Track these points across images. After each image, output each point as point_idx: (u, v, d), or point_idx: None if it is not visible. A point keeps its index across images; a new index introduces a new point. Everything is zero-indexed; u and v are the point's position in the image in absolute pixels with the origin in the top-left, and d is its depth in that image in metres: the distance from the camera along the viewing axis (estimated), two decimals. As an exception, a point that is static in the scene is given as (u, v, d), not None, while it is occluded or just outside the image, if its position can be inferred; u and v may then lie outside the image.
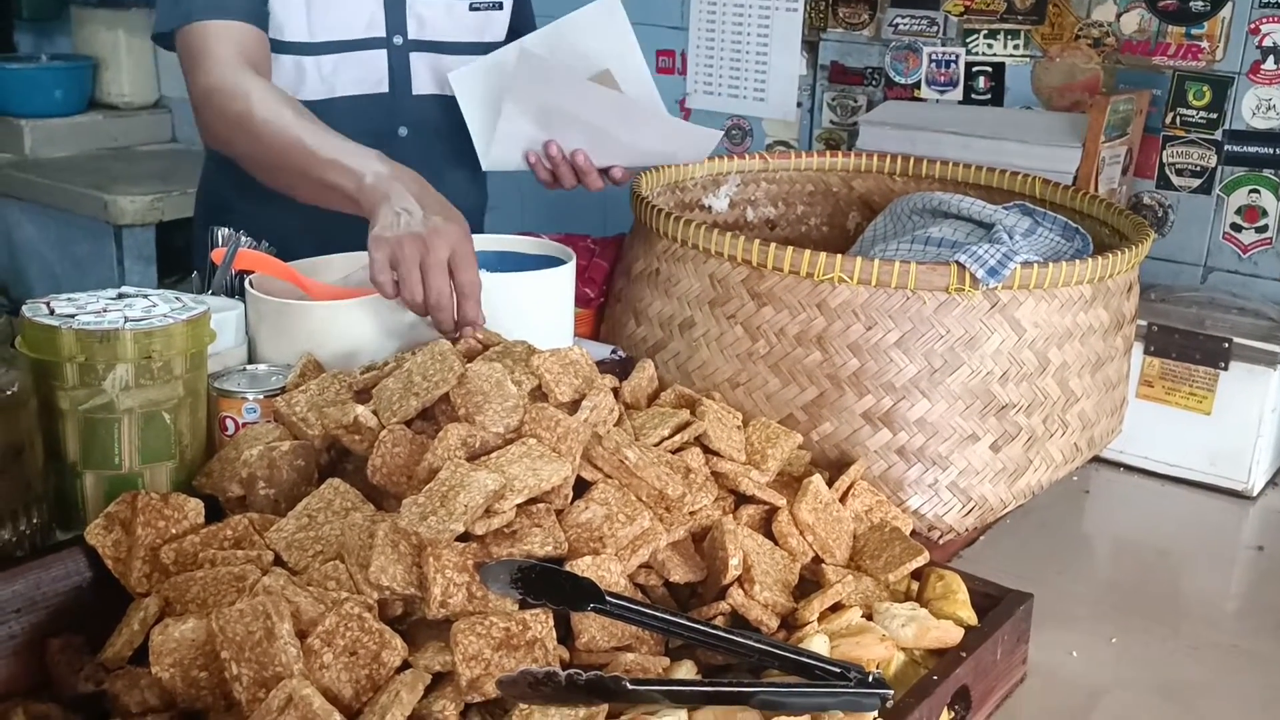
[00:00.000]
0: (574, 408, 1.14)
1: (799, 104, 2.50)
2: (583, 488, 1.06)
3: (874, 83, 2.39)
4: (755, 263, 1.33)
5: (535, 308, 1.41)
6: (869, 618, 1.07)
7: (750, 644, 0.96)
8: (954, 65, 2.27)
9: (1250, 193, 2.00)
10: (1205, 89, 2.01)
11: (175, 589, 0.98)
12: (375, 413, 1.11)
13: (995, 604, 1.11)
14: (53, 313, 1.10)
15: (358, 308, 1.31)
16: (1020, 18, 2.19)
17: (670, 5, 2.60)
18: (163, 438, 1.12)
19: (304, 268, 1.42)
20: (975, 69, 2.26)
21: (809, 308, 1.30)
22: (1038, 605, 1.13)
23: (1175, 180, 2.07)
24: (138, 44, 3.57)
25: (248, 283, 1.35)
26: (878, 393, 1.30)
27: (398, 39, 1.73)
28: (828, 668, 0.94)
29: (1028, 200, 1.63)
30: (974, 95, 2.26)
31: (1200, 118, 2.03)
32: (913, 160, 1.78)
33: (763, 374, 1.34)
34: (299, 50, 1.67)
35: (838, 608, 1.07)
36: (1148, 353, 1.63)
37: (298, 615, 0.90)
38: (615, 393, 1.22)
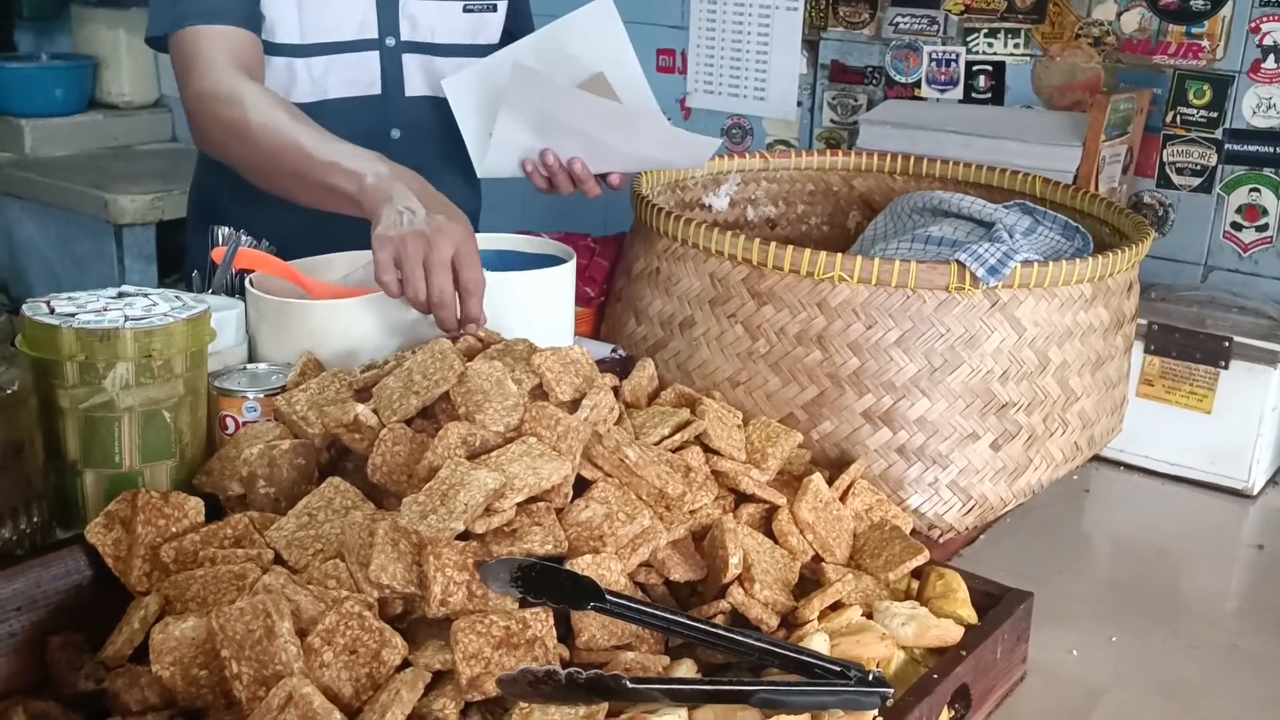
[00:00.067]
0: (574, 407, 1.14)
1: (799, 103, 2.50)
2: (583, 486, 1.06)
3: (874, 82, 2.39)
4: (755, 262, 1.33)
5: (535, 307, 1.41)
6: (869, 616, 1.07)
7: (750, 642, 0.96)
8: (954, 64, 2.27)
9: (1251, 191, 2.00)
10: (1206, 88, 2.01)
11: (175, 587, 0.98)
12: (375, 411, 1.11)
13: (995, 603, 1.11)
14: (53, 311, 1.10)
15: (358, 306, 1.31)
16: (1021, 17, 2.19)
17: (670, 4, 2.60)
18: (163, 436, 1.12)
19: (304, 266, 1.42)
20: (976, 68, 2.26)
21: (809, 307, 1.30)
22: (1038, 604, 1.14)
23: (1176, 179, 2.07)
24: (138, 43, 3.55)
25: (248, 282, 1.35)
26: (878, 392, 1.30)
27: (390, 40, 1.72)
28: (828, 666, 0.95)
29: (1028, 199, 1.63)
30: (974, 94, 2.26)
31: (1201, 117, 2.03)
32: (913, 159, 1.78)
33: (763, 373, 1.34)
34: (290, 52, 1.66)
35: (838, 606, 1.07)
36: (1148, 351, 1.63)
37: (298, 614, 0.90)
38: (615, 392, 1.22)
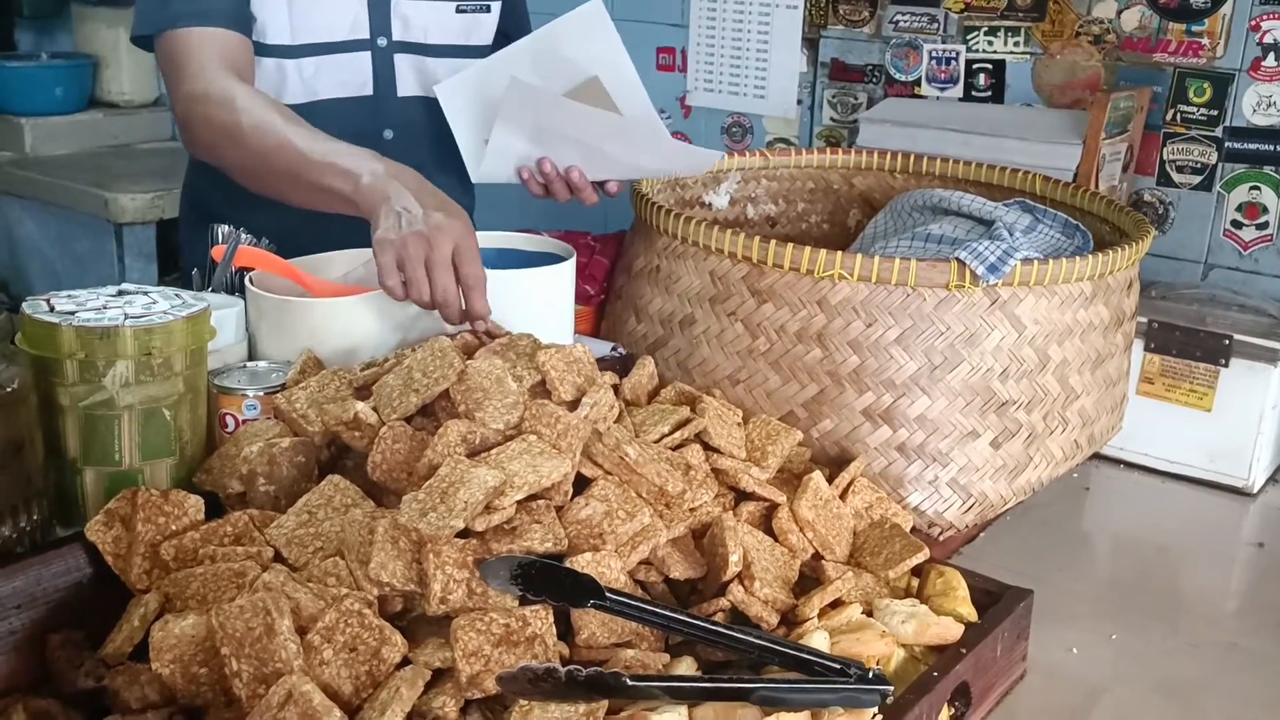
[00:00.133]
0: (574, 405, 1.14)
1: (799, 101, 2.49)
2: (583, 484, 1.06)
3: (874, 80, 2.39)
4: (755, 260, 1.33)
5: (536, 305, 1.41)
6: (869, 614, 1.07)
7: (750, 640, 0.96)
8: (954, 62, 2.27)
9: (1251, 189, 2.00)
10: (1206, 86, 2.01)
11: (175, 585, 0.98)
12: (375, 409, 1.11)
13: (995, 601, 1.11)
14: (53, 309, 1.10)
15: (358, 304, 1.31)
16: (1021, 15, 2.19)
17: (670, 3, 2.60)
18: (163, 434, 1.12)
19: (304, 264, 1.42)
20: (976, 66, 2.25)
21: (809, 305, 1.30)
22: (1038, 602, 1.14)
23: (1176, 177, 2.06)
24: (137, 42, 3.56)
25: (248, 280, 1.35)
26: (878, 389, 1.30)
27: (382, 40, 1.70)
28: (828, 664, 0.95)
29: (1028, 197, 1.63)
30: (974, 92, 2.26)
31: (1201, 114, 2.03)
32: (913, 157, 1.78)
33: (763, 371, 1.34)
34: (280, 53, 1.64)
35: (838, 604, 1.07)
36: (1148, 349, 1.63)
37: (298, 611, 0.90)
38: (615, 390, 1.22)
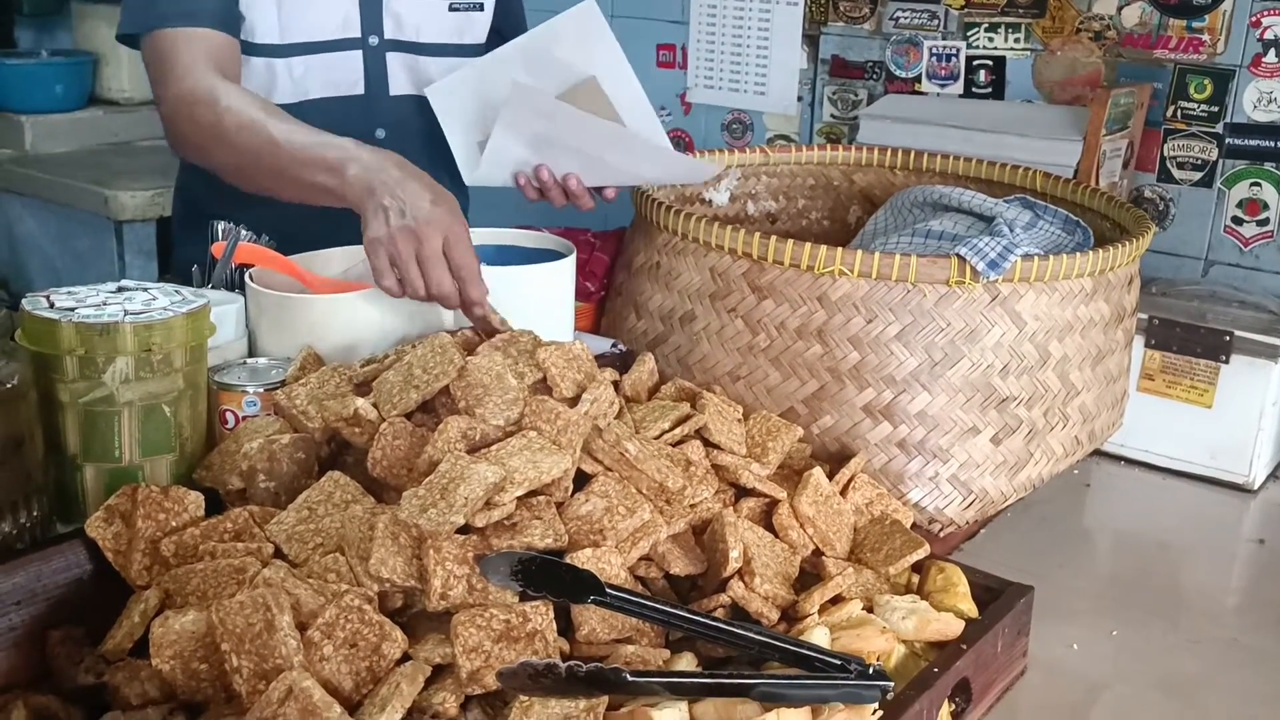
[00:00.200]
0: (575, 401, 1.14)
1: (799, 98, 2.49)
2: (583, 480, 1.06)
3: (874, 76, 2.39)
4: (756, 256, 1.32)
5: (536, 301, 1.41)
6: (869, 610, 1.07)
7: (751, 636, 0.96)
8: (955, 59, 2.27)
9: (1251, 186, 2.00)
10: (1206, 82, 2.01)
11: (175, 581, 0.98)
12: (375, 405, 1.11)
13: (996, 597, 1.11)
14: (53, 306, 1.10)
15: (358, 301, 1.31)
16: (1021, 11, 2.19)
17: (671, 0, 2.60)
18: (163, 431, 1.12)
19: (304, 261, 1.41)
20: (976, 63, 2.25)
21: (809, 301, 1.30)
22: (1038, 598, 1.14)
23: (1176, 174, 2.06)
24: (138, 39, 3.56)
25: (248, 276, 1.35)
26: (878, 386, 1.30)
27: (373, 39, 1.68)
28: (828, 660, 0.94)
29: (1029, 194, 1.63)
30: (975, 89, 2.26)
31: (1201, 111, 2.03)
32: (913, 154, 1.77)
33: (763, 367, 1.34)
34: (270, 52, 1.62)
35: (838, 600, 1.07)
36: (1149, 346, 1.63)
37: (298, 607, 0.90)
38: (616, 386, 1.22)
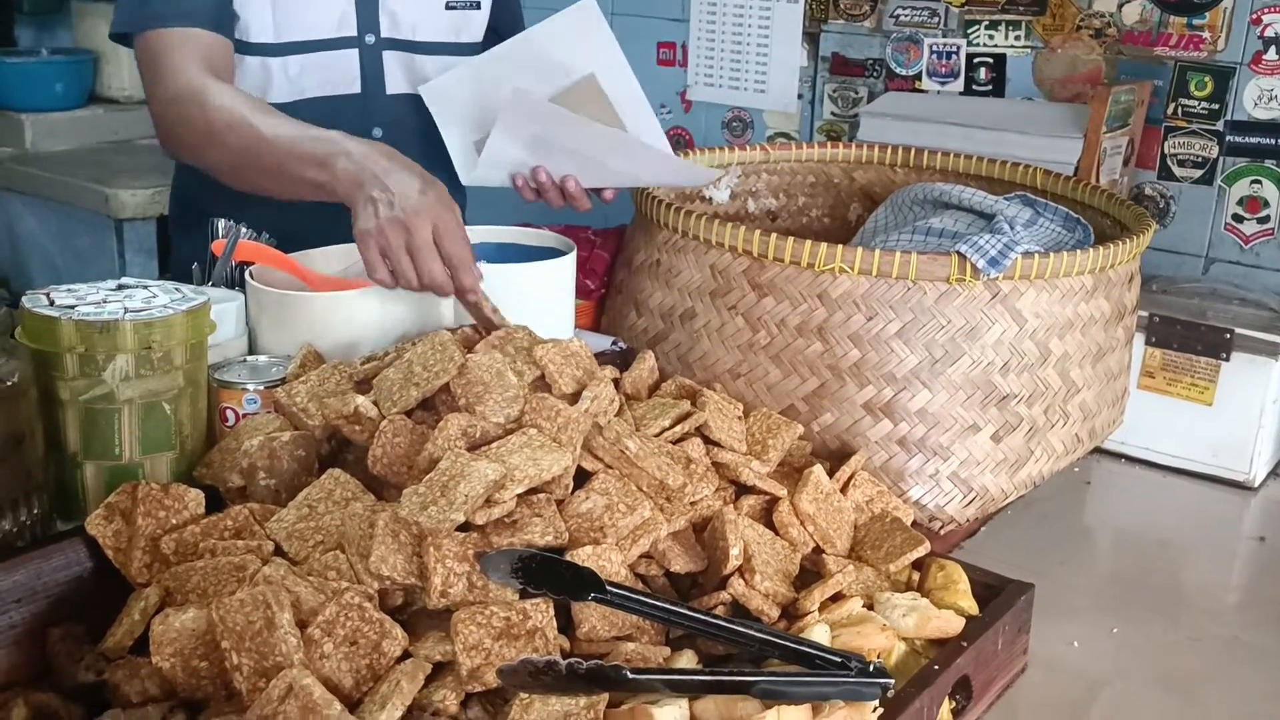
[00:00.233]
0: (575, 398, 1.14)
1: (800, 96, 2.49)
2: (583, 478, 1.06)
3: (875, 74, 2.39)
4: (756, 253, 1.32)
5: (536, 299, 1.41)
6: (870, 608, 1.07)
7: (751, 633, 0.96)
8: (955, 56, 2.27)
9: (1252, 183, 2.00)
10: (1207, 79, 2.01)
11: (176, 579, 0.98)
12: (376, 403, 1.11)
13: (996, 594, 1.11)
14: (53, 304, 1.10)
15: (358, 298, 1.31)
16: (1021, 9, 2.18)
17: (671, -3, 2.60)
18: (163, 428, 1.12)
19: (304, 259, 1.41)
20: (976, 60, 2.25)
21: (810, 298, 1.30)
22: (1039, 596, 1.13)
23: (1177, 171, 2.06)
24: (138, 37, 3.55)
25: (248, 274, 1.35)
26: (879, 383, 1.30)
27: (369, 38, 1.68)
28: (829, 657, 0.94)
29: (1029, 191, 1.63)
30: (975, 87, 2.26)
31: (1202, 108, 2.02)
32: (914, 152, 1.77)
33: (764, 365, 1.33)
34: (265, 51, 1.62)
35: (839, 598, 1.07)
36: (1149, 344, 1.63)
37: (298, 605, 0.90)
38: (616, 384, 1.22)
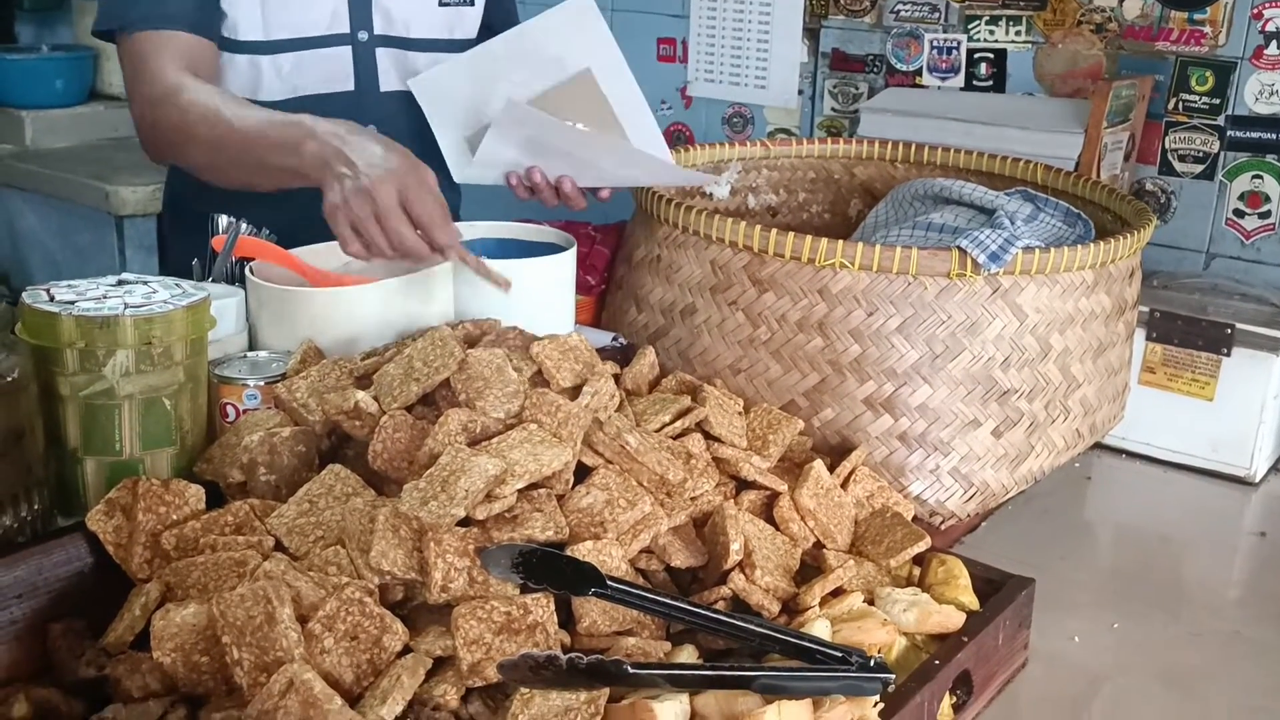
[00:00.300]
0: (575, 393, 1.14)
1: (800, 91, 2.49)
2: (584, 473, 1.06)
3: (875, 70, 2.38)
4: (757, 249, 1.32)
5: (536, 294, 1.41)
6: (871, 603, 1.07)
7: (751, 628, 0.96)
8: (955, 52, 2.27)
9: (1253, 178, 2.00)
10: (1208, 74, 2.01)
11: (176, 574, 0.98)
12: (376, 398, 1.10)
13: (997, 589, 1.11)
14: (53, 299, 1.10)
15: (358, 294, 1.31)
16: (1022, 4, 2.18)
17: (671, -7, 2.60)
18: (163, 424, 1.12)
19: (304, 254, 1.41)
20: (977, 55, 2.25)
21: (810, 294, 1.30)
22: (1039, 591, 1.13)
23: (1178, 166, 2.06)
24: (138, 34, 3.55)
25: (248, 270, 1.35)
26: (879, 378, 1.30)
27: (363, 35, 1.67)
28: (829, 652, 0.94)
29: (1030, 186, 1.62)
30: (976, 82, 2.26)
31: (1203, 103, 2.02)
32: (914, 147, 1.77)
33: (764, 360, 1.33)
34: (255, 49, 1.61)
35: (839, 593, 1.07)
36: (1150, 339, 1.63)
37: (298, 600, 0.90)
38: (616, 379, 1.22)
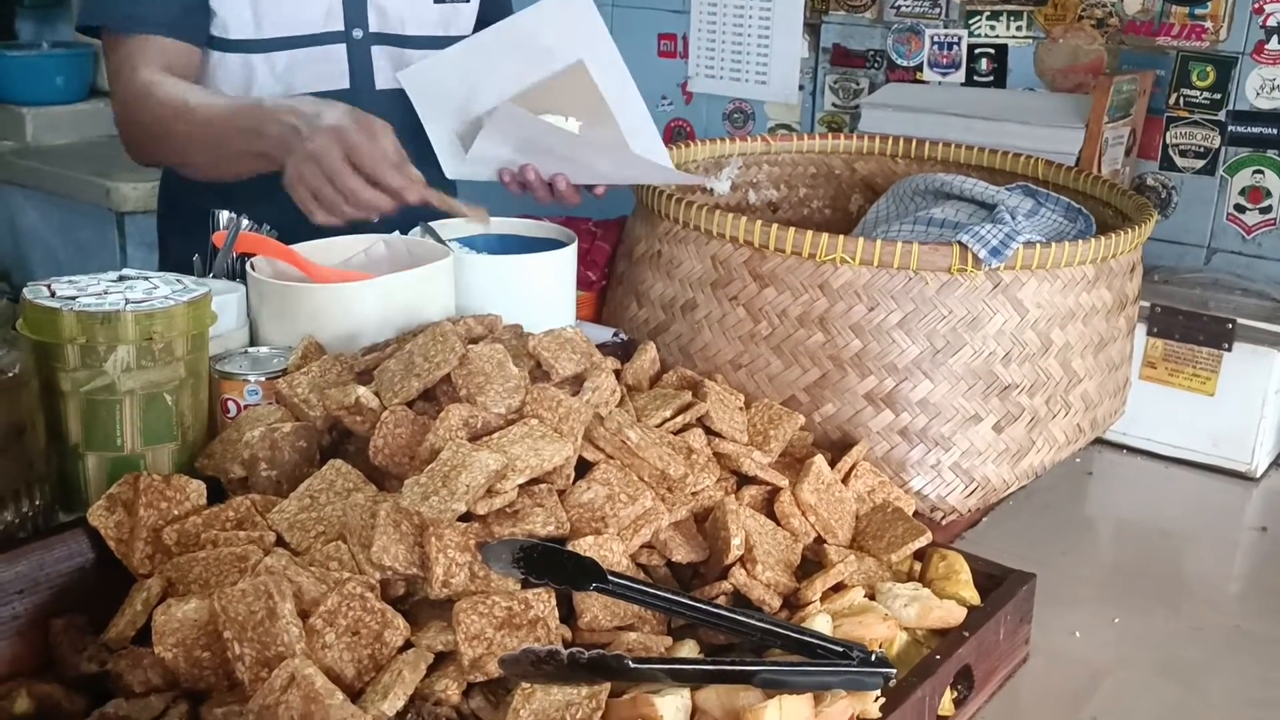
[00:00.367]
0: (576, 383, 1.14)
1: (801, 87, 2.49)
2: (585, 468, 1.06)
3: (876, 65, 2.38)
4: (757, 244, 1.32)
5: (537, 291, 1.41)
6: (871, 598, 1.07)
7: (753, 623, 0.96)
8: (956, 47, 2.27)
9: (1254, 174, 2.00)
10: (1209, 69, 2.01)
11: (177, 570, 0.98)
12: (377, 394, 1.11)
13: (998, 584, 1.11)
14: (54, 295, 1.10)
15: (359, 290, 1.31)
16: (1023, -1, 2.18)
17: (672, -11, 2.60)
18: (164, 419, 1.12)
19: (305, 250, 1.41)
20: (978, 51, 2.25)
21: (811, 289, 1.30)
22: (1040, 586, 1.13)
23: (1179, 161, 2.06)
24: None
25: (249, 265, 1.35)
26: (880, 374, 1.30)
27: (357, 32, 1.67)
28: (830, 647, 0.95)
29: (1030, 181, 1.62)
30: (976, 77, 2.26)
31: (1204, 98, 2.02)
32: (915, 142, 1.77)
33: (765, 355, 1.33)
34: (246, 48, 1.61)
35: (840, 588, 1.07)
36: (1151, 334, 1.63)
37: (300, 595, 0.90)
38: (617, 375, 1.22)
